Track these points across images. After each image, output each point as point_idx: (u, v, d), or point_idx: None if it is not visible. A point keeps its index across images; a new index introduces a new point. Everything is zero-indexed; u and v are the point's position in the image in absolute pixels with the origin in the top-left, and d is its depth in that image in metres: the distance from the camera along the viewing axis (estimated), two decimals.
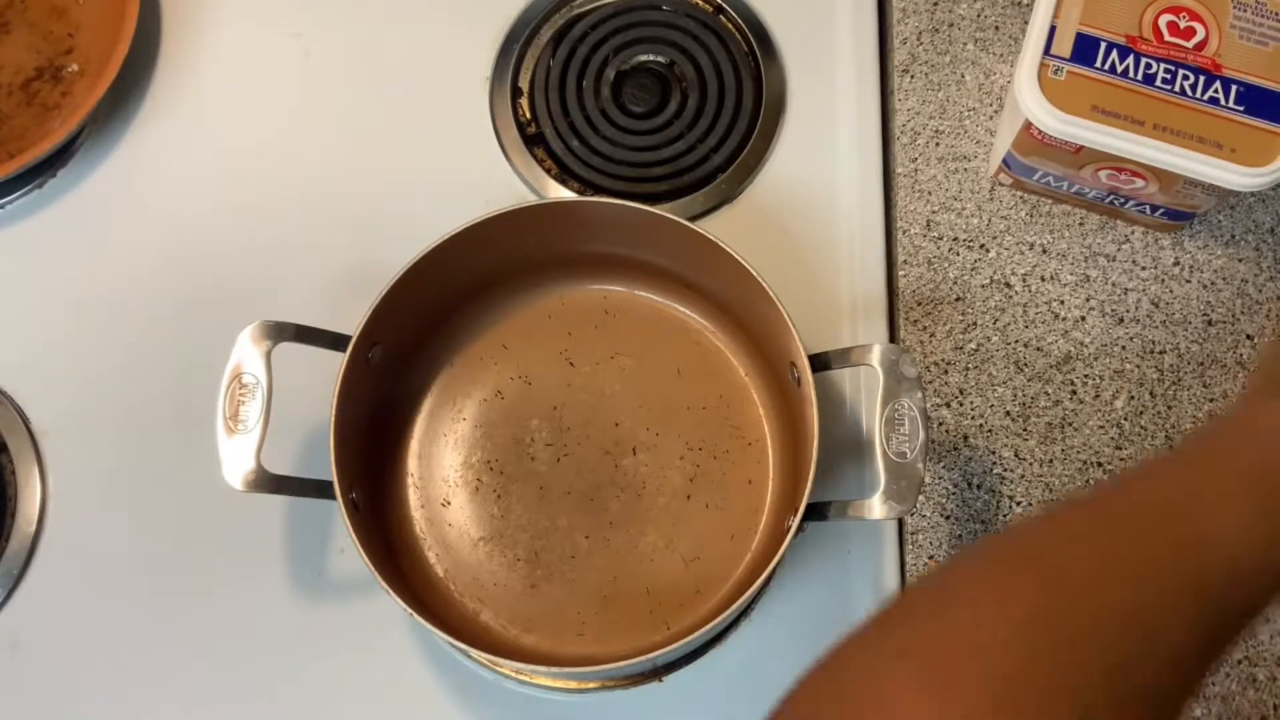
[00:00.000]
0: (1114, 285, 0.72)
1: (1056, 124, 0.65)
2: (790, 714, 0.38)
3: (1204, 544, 0.39)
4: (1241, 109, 0.65)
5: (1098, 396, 0.70)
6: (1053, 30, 0.65)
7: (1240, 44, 0.66)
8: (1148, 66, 0.65)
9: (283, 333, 0.62)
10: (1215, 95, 0.65)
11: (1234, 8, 0.66)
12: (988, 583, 0.39)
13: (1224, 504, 0.40)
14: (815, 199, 0.76)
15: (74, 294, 0.75)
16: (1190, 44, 0.66)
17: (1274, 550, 0.39)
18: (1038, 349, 0.71)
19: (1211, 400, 0.70)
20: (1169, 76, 0.65)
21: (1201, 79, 0.65)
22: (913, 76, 0.77)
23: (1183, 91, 0.65)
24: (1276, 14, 0.66)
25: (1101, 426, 0.70)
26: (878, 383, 0.60)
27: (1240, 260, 0.73)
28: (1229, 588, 0.39)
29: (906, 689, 0.35)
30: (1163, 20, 0.66)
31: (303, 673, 0.68)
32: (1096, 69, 0.65)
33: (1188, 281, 0.73)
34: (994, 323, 0.72)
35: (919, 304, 0.73)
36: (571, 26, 0.81)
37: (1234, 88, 0.65)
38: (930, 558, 0.68)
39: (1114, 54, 0.65)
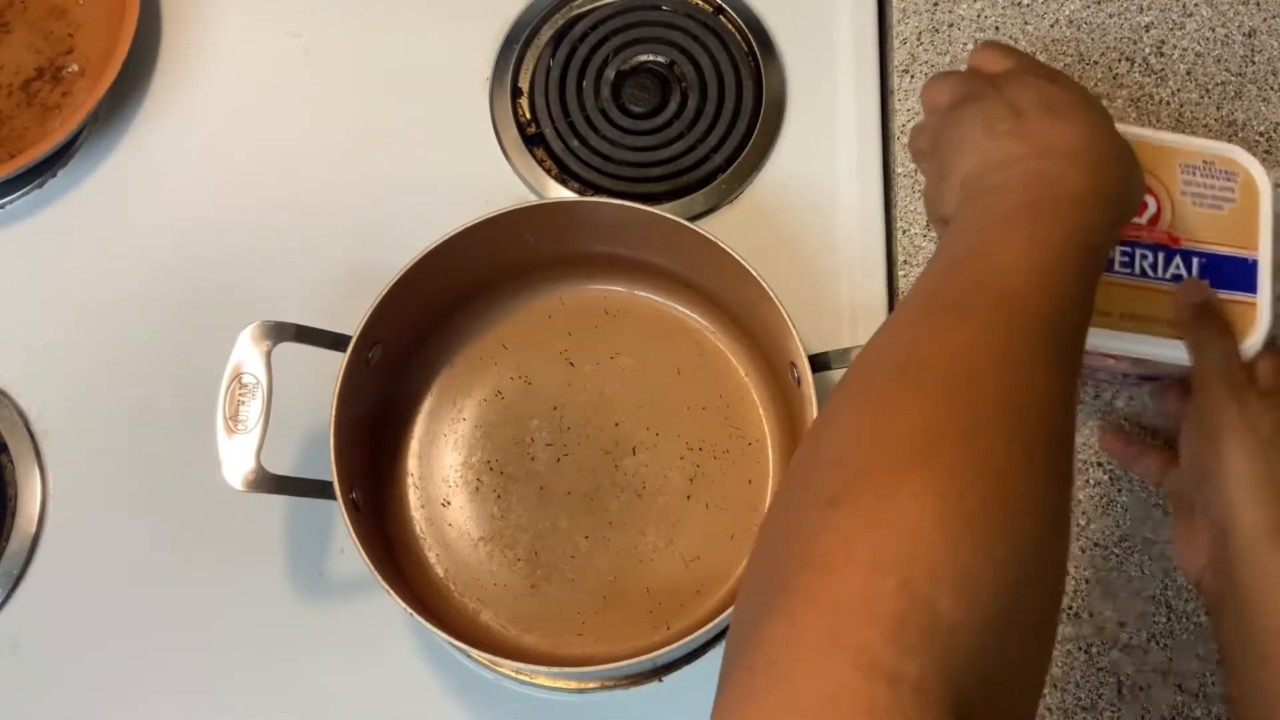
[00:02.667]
0: None
1: None
2: (745, 589, 0.42)
3: (1014, 304, 0.45)
4: (1207, 283, 0.60)
5: (1097, 397, 0.70)
6: None
7: (1194, 211, 0.61)
8: None
9: (283, 333, 0.62)
10: (1178, 272, 0.61)
11: (1181, 172, 0.62)
12: (880, 417, 0.42)
13: (1018, 273, 0.47)
14: (815, 199, 0.76)
15: (74, 294, 0.75)
16: (1144, 219, 0.61)
17: (1059, 285, 0.47)
18: None
19: None
20: (1127, 259, 0.61)
21: (1161, 256, 0.61)
22: (913, 76, 0.77)
23: (1144, 273, 0.61)
24: (1226, 173, 0.62)
25: (1102, 426, 0.70)
26: None
27: None
28: (1049, 326, 0.45)
29: (846, 530, 0.38)
30: None
31: (303, 673, 0.68)
32: None
33: None
34: None
35: None
36: (571, 26, 0.81)
37: (1195, 260, 0.61)
38: None
39: None
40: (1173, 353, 0.60)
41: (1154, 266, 0.61)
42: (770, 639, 0.36)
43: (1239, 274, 0.61)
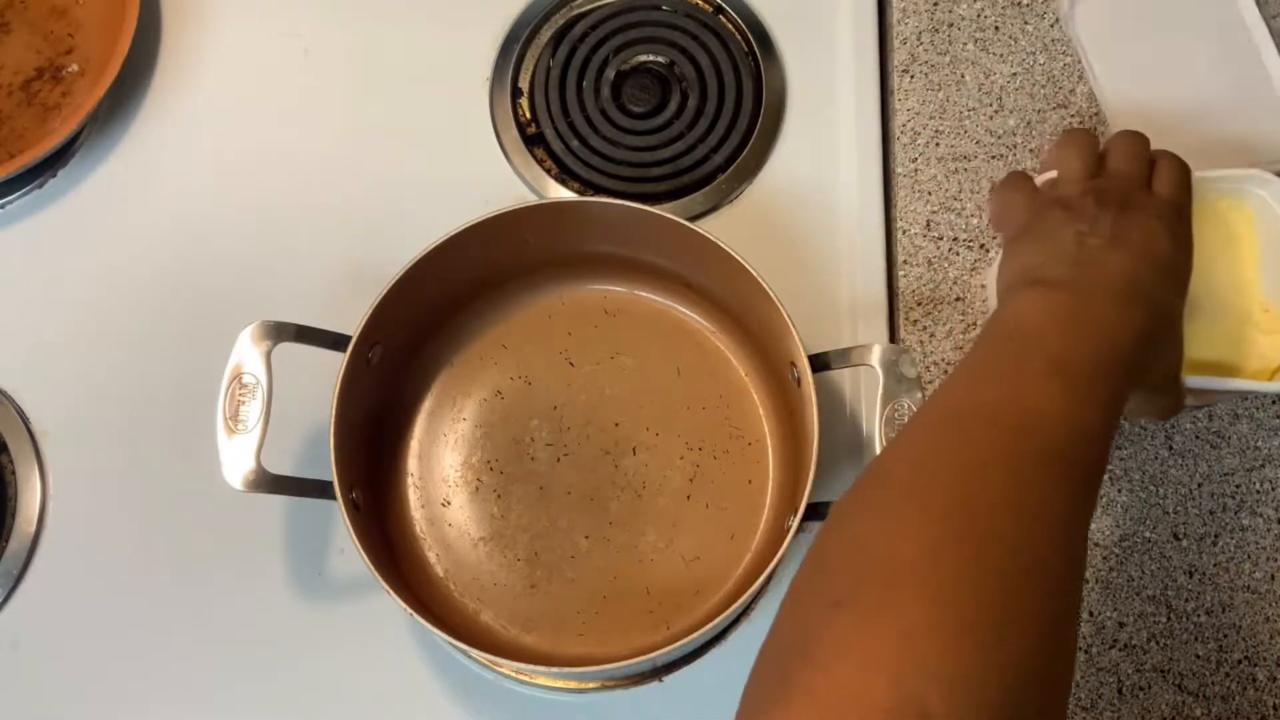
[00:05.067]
0: None
1: None
2: (753, 677, 0.44)
3: (1031, 429, 0.48)
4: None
5: None
6: None
7: None
8: None
9: (283, 333, 0.62)
10: None
11: None
12: (888, 528, 0.45)
13: (1040, 395, 0.49)
14: (815, 199, 0.76)
15: (74, 294, 0.75)
16: None
17: (1080, 413, 0.49)
18: None
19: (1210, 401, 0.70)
20: None
21: None
22: (913, 76, 0.77)
23: None
24: None
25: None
26: (877, 383, 0.60)
27: None
28: (1065, 454, 0.47)
29: (847, 631, 0.41)
30: None
31: (303, 673, 0.68)
32: None
33: None
34: None
35: (919, 304, 0.73)
36: (571, 26, 0.81)
37: None
38: None
39: None
40: (1218, 385, 0.61)
41: None
42: None
43: None
